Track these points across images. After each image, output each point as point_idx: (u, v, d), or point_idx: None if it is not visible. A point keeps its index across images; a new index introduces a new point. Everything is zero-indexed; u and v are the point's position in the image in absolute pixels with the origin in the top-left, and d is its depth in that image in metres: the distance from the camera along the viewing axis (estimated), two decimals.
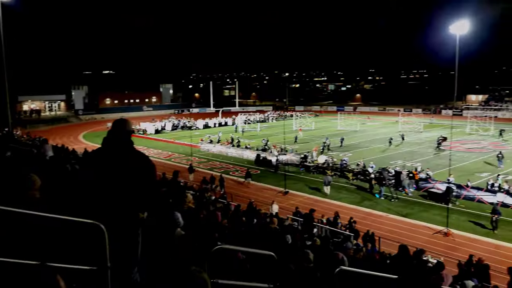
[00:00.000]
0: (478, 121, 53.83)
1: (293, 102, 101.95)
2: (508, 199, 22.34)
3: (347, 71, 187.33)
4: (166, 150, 42.56)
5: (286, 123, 57.45)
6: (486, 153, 37.14)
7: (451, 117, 58.97)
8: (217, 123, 64.45)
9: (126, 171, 3.62)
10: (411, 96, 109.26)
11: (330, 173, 30.04)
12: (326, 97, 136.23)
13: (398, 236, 17.73)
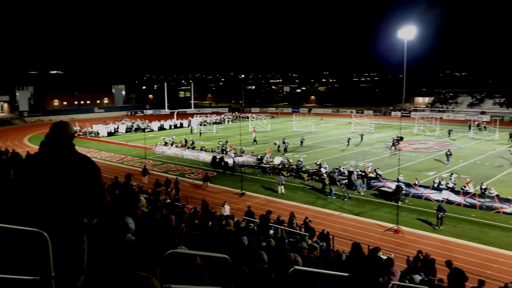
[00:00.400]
0: (425, 122, 56.49)
1: (249, 104, 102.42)
2: (452, 196, 23.58)
3: (302, 73, 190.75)
4: (119, 153, 41.31)
5: (242, 124, 57.63)
6: (432, 153, 39.03)
7: (399, 119, 61.59)
8: (172, 125, 63.46)
9: (66, 175, 3.43)
10: (363, 98, 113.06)
11: (286, 174, 30.40)
12: (282, 98, 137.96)
13: (351, 234, 18.20)
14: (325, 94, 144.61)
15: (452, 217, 21.08)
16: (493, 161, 34.84)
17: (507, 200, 21.89)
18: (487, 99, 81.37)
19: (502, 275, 14.06)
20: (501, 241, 18.10)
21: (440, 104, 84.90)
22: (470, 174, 29.36)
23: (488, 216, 21.25)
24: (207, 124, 64.53)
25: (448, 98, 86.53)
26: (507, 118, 69.37)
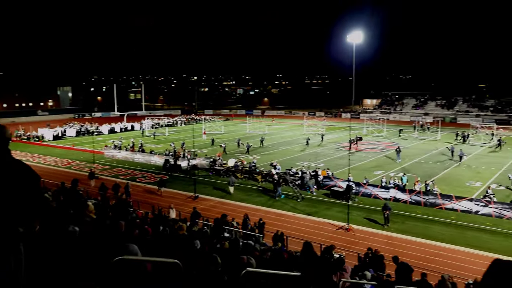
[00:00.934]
0: (373, 124, 58.63)
1: (202, 106, 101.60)
2: (399, 194, 24.60)
3: (255, 75, 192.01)
4: (66, 158, 39.51)
5: (196, 127, 57.01)
6: (380, 153, 40.56)
7: (349, 120, 63.53)
8: (123, 127, 61.66)
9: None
10: (315, 100, 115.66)
11: (240, 176, 30.40)
12: (235, 101, 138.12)
13: (304, 234, 18.47)
14: (278, 96, 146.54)
15: (399, 214, 21.98)
16: (436, 159, 36.75)
17: (448, 197, 23.13)
18: (430, 101, 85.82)
19: (445, 268, 14.81)
20: (444, 236, 19.09)
21: (387, 106, 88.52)
22: (416, 172, 30.77)
23: (432, 212, 22.36)
24: (159, 126, 63.29)
25: (394, 100, 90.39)
26: (448, 119, 73.53)
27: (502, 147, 41.64)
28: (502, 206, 21.50)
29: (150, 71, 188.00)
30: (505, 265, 1.39)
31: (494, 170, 32.21)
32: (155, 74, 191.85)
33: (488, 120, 67.25)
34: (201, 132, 55.84)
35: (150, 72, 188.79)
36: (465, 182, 28.46)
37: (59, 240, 5.06)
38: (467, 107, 79.62)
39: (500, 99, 78.58)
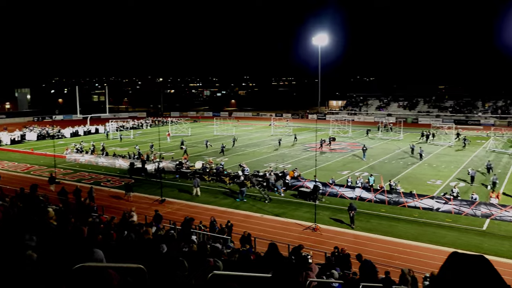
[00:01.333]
0: (338, 124, 59.69)
1: (168, 108, 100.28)
2: (364, 193, 25.14)
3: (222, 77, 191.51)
4: (24, 162, 37.94)
5: (162, 129, 56.20)
6: (345, 153, 41.34)
7: (315, 121, 64.41)
8: (86, 130, 59.91)
9: None
10: (282, 102, 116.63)
11: (207, 178, 30.17)
12: (202, 102, 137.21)
13: (272, 235, 18.53)
14: (245, 98, 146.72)
15: (364, 213, 22.45)
16: (399, 159, 37.84)
17: (411, 195, 23.85)
18: (393, 102, 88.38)
19: (409, 264, 15.23)
20: (407, 233, 19.66)
21: (352, 107, 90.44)
22: (380, 172, 31.54)
23: (395, 211, 22.98)
24: (123, 129, 61.92)
25: (359, 102, 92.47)
26: (410, 119, 75.93)
27: (466, 145, 43.47)
28: (461, 203, 22.36)
29: (114, 73, 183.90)
30: (462, 258, 1.43)
31: (454, 168, 33.50)
32: (120, 76, 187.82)
33: (447, 120, 69.96)
34: (169, 134, 55.30)
35: (114, 73, 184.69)
36: (426, 181, 29.42)
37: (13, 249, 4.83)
38: (427, 108, 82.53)
39: (458, 100, 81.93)
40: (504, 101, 77.31)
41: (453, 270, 1.43)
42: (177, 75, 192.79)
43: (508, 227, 20.08)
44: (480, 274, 1.37)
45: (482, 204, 21.83)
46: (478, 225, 20.44)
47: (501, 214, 21.04)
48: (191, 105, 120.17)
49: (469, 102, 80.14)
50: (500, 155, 39.17)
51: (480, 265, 1.39)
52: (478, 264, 1.40)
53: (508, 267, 15.48)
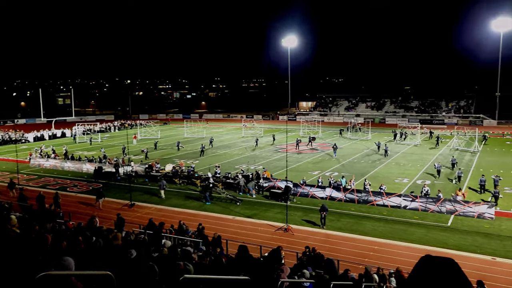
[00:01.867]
0: (309, 125, 60.33)
1: (137, 111, 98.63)
2: (334, 193, 25.48)
3: (192, 79, 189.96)
4: None
5: (130, 132, 55.21)
6: (316, 154, 41.81)
7: (286, 122, 64.93)
8: (51, 134, 58.05)
9: None
10: (252, 104, 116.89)
11: (178, 181, 29.82)
12: (172, 105, 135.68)
13: (244, 237, 18.50)
14: (215, 100, 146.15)
15: (335, 213, 22.75)
16: (368, 158, 38.62)
17: (379, 194, 24.37)
18: (361, 103, 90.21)
19: (378, 261, 15.54)
20: (376, 231, 20.06)
21: (322, 108, 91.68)
22: (350, 171, 32.07)
23: (364, 209, 23.41)
24: (90, 132, 60.40)
25: (328, 103, 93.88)
26: (377, 119, 77.66)
27: (439, 143, 44.95)
28: (427, 201, 23.02)
29: (80, 75, 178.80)
30: (434, 261, 1.50)
31: (420, 166, 34.47)
32: (86, 78, 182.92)
33: (413, 120, 71.98)
34: (138, 138, 54.48)
35: (80, 75, 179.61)
36: (394, 179, 30.14)
37: None
38: (394, 108, 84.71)
39: (423, 101, 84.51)
40: (466, 101, 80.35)
41: (424, 272, 1.50)
42: (146, 77, 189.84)
43: (471, 222, 20.83)
44: (449, 277, 1.44)
45: (447, 201, 22.55)
46: (443, 221, 21.10)
47: (464, 210, 21.81)
48: (161, 107, 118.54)
49: (433, 102, 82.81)
50: (463, 153, 40.64)
51: (450, 268, 1.47)
52: (448, 267, 1.47)
53: (470, 260, 16.05)
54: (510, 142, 47.86)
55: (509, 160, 36.73)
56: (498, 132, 57.50)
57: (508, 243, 18.06)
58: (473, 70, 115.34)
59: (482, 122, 69.30)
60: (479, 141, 44.65)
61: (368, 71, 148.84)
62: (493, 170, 30.74)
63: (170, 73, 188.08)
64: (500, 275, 15.14)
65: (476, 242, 18.27)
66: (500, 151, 41.91)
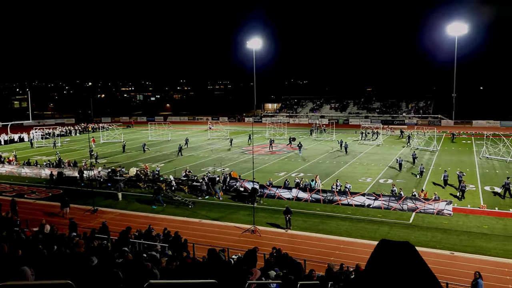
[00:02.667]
0: (274, 127, 60.74)
1: (98, 114, 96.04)
2: (300, 193, 25.76)
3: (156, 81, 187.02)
4: None
5: (93, 136, 53.69)
6: (282, 155, 42.14)
7: (252, 124, 65.08)
8: (8, 139, 55.52)
9: None
10: (218, 106, 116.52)
11: (142, 185, 29.25)
12: (135, 107, 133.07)
13: (211, 240, 18.38)
14: (180, 102, 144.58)
15: (301, 213, 23.00)
16: (332, 159, 39.31)
17: (344, 193, 24.85)
18: (325, 105, 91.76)
19: (343, 259, 15.82)
20: (341, 230, 20.44)
21: (287, 109, 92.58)
22: (315, 172, 32.52)
23: (330, 209, 23.80)
24: (49, 137, 58.25)
25: (294, 104, 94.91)
26: (341, 120, 79.24)
27: (411, 141, 46.63)
28: (390, 199, 23.70)
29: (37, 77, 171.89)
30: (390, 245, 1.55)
31: (382, 166, 35.43)
32: (44, 80, 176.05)
33: (375, 121, 73.91)
34: (99, 141, 53.16)
35: (37, 78, 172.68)
36: (358, 179, 30.82)
37: None
38: (357, 109, 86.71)
39: (384, 102, 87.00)
40: (424, 102, 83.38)
41: (381, 255, 1.56)
42: (108, 79, 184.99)
43: (431, 219, 21.61)
44: (406, 258, 1.51)
45: (408, 199, 23.30)
46: (405, 219, 21.77)
47: (425, 207, 22.60)
48: (124, 110, 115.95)
49: (394, 103, 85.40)
50: (422, 152, 42.11)
51: (406, 250, 1.53)
52: (404, 250, 1.54)
53: (430, 256, 16.64)
54: (465, 141, 50.05)
55: (465, 158, 38.40)
56: (455, 132, 60.02)
57: (465, 238, 18.87)
58: (431, 72, 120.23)
59: (440, 122, 72.11)
60: (447, 140, 46.85)
61: (332, 73, 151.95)
62: (451, 168, 32.04)
63: (133, 75, 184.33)
64: (458, 268, 15.79)
65: (435, 238, 18.96)
66: (457, 150, 43.75)
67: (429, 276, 1.49)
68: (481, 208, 23.06)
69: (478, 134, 54.35)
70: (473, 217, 21.68)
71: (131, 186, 29.34)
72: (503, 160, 36.30)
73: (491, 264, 16.16)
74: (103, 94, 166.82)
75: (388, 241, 1.60)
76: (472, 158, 38.22)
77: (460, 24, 69.86)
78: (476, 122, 69.39)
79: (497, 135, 41.13)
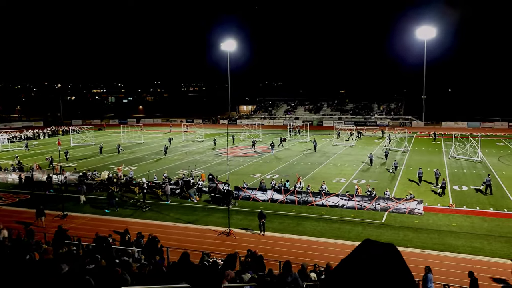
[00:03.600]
0: (249, 129, 60.77)
1: (69, 116, 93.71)
2: (275, 195, 25.83)
3: (128, 83, 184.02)
4: None
5: (62, 139, 52.34)
6: (257, 157, 42.17)
7: (226, 126, 64.90)
8: None
9: None
10: (192, 108, 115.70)
11: (115, 188, 28.67)
12: (107, 109, 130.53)
13: (186, 243, 18.18)
14: (154, 104, 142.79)
15: (276, 215, 23.07)
16: (306, 160, 39.63)
17: (318, 194, 25.07)
18: (300, 106, 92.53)
19: (317, 260, 15.93)
20: (315, 231, 20.60)
21: (262, 111, 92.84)
22: (289, 173, 32.70)
23: (304, 210, 23.96)
24: (15, 140, 56.39)
25: (268, 106, 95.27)
26: (315, 122, 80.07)
27: (391, 142, 48.10)
28: (363, 199, 24.06)
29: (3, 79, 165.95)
30: (373, 244, 1.57)
31: (355, 167, 35.97)
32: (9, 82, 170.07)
33: (348, 122, 75.03)
34: (69, 144, 51.85)
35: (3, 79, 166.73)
36: (332, 180, 31.17)
37: None
38: (331, 111, 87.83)
39: (357, 104, 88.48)
40: (396, 104, 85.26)
41: (365, 253, 1.58)
42: (78, 81, 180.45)
43: (402, 218, 22.07)
44: (388, 260, 1.54)
45: (381, 199, 23.72)
46: (378, 218, 22.15)
47: (397, 206, 23.07)
48: (95, 112, 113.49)
49: (366, 105, 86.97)
50: (394, 152, 43.01)
51: (389, 252, 1.57)
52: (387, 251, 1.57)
53: (402, 254, 16.93)
54: (434, 142, 51.43)
55: (435, 158, 39.44)
56: (425, 133, 61.64)
57: (435, 236, 19.36)
58: (401, 74, 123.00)
59: (411, 123, 73.91)
60: (430, 140, 48.82)
61: (306, 75, 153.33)
62: (421, 168, 32.82)
63: (105, 77, 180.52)
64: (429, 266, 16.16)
65: (407, 237, 19.38)
66: (427, 150, 44.91)
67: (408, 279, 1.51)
68: (450, 206, 23.74)
69: (447, 134, 56.05)
70: (442, 216, 22.28)
71: (104, 190, 28.71)
72: (471, 160, 37.50)
73: (460, 261, 16.64)
74: (74, 96, 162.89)
75: (372, 241, 1.61)
76: (442, 158, 39.31)
77: (428, 27, 71.88)
78: (445, 123, 71.50)
79: (465, 135, 42.42)
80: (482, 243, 18.32)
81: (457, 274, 15.37)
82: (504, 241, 18.55)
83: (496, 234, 19.35)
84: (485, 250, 17.56)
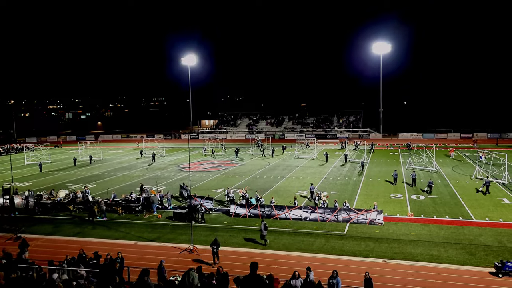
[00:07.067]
0: (211, 143, 60.51)
1: (22, 133, 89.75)
2: (239, 209, 25.72)
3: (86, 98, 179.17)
4: None
5: (15, 158, 49.99)
6: (220, 171, 41.95)
7: (188, 141, 64.34)
8: None
9: None
10: (153, 123, 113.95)
11: (72, 207, 27.59)
12: (64, 126, 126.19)
13: (149, 262, 17.68)
14: (113, 120, 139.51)
15: (240, 229, 22.92)
16: (269, 174, 39.83)
17: (281, 207, 25.18)
18: (261, 120, 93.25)
19: (281, 273, 15.92)
20: (279, 244, 20.59)
21: (224, 125, 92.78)
22: (252, 187, 32.70)
23: (268, 223, 23.79)
24: None
25: (230, 120, 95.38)
26: (277, 135, 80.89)
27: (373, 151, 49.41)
28: (325, 211, 24.40)
29: None
30: None
31: (317, 179, 36.51)
32: None
33: (309, 135, 76.31)
34: (23, 163, 49.61)
35: None
36: (294, 192, 31.44)
37: None
38: (292, 124, 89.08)
39: (317, 117, 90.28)
40: (354, 117, 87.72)
41: None
42: (33, 97, 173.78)
43: (364, 228, 22.53)
44: None
45: (343, 210, 24.13)
46: (340, 230, 22.49)
47: (358, 217, 23.54)
48: (51, 129, 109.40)
49: (327, 118, 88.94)
50: (354, 164, 44.05)
51: None
52: None
53: (364, 264, 17.29)
54: (392, 153, 53.18)
55: (393, 169, 40.72)
56: (383, 144, 63.65)
57: (395, 245, 19.87)
58: (359, 88, 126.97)
59: (369, 135, 76.18)
60: (367, 152, 49.32)
61: (267, 90, 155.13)
62: (380, 179, 33.80)
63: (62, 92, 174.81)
64: (389, 275, 16.53)
65: (368, 247, 19.76)
66: (385, 161, 46.31)
67: None
68: (408, 216, 24.50)
69: (404, 146, 58.09)
70: (402, 225, 22.93)
71: (60, 210, 27.57)
72: (427, 170, 39.00)
73: (419, 269, 17.12)
74: (28, 113, 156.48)
75: None
76: (400, 169, 40.64)
77: (383, 43, 74.90)
78: (401, 135, 74.22)
79: (420, 146, 44.14)
80: (439, 251, 18.96)
81: (415, 282, 15.80)
82: (460, 247, 19.31)
83: (452, 241, 20.12)
84: (442, 258, 18.17)
